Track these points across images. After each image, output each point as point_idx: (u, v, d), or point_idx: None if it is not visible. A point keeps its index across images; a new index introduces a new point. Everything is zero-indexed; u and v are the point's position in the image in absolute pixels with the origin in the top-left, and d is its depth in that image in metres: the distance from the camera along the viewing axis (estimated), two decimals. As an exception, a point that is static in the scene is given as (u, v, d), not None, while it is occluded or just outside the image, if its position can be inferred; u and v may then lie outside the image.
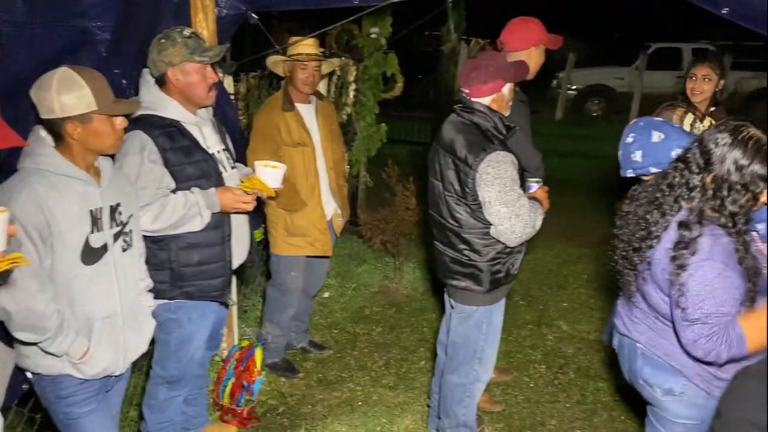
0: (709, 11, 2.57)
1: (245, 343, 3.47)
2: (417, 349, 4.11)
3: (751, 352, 1.94)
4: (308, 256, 3.69)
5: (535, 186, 3.02)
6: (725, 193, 1.93)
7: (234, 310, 3.75)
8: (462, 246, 2.82)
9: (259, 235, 3.88)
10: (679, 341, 2.08)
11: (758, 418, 1.72)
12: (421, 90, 10.61)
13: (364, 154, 5.76)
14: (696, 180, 1.97)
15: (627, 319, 2.30)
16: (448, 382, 3.01)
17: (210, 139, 2.72)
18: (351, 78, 5.56)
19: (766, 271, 2.02)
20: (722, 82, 3.61)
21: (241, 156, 3.36)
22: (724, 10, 2.53)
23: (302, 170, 3.52)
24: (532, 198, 2.91)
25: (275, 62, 3.59)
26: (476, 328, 2.92)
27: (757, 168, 1.89)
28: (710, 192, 1.96)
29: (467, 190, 2.70)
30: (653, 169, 2.33)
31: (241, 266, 2.93)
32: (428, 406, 3.37)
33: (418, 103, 9.15)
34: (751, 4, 2.47)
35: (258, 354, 3.44)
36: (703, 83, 3.58)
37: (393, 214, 4.94)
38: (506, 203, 2.63)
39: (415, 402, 3.56)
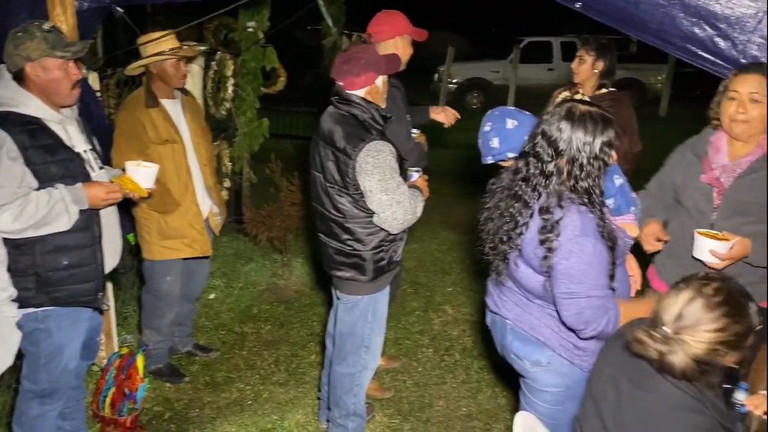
0: (566, 6, 2.74)
1: (125, 351, 3.32)
2: (307, 344, 4.11)
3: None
4: (186, 259, 3.58)
5: (415, 175, 3.11)
6: (578, 171, 2.07)
7: (112, 316, 3.59)
8: (345, 236, 2.85)
9: (133, 238, 3.73)
10: (552, 317, 2.24)
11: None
12: (305, 84, 10.57)
13: (247, 150, 5.65)
14: (551, 167, 2.10)
15: (497, 297, 2.44)
16: (336, 373, 3.04)
17: (75, 138, 2.57)
18: (229, 72, 5.43)
19: (620, 243, 2.20)
20: (599, 63, 3.69)
21: (107, 157, 3.21)
22: (578, 4, 2.70)
23: (173, 169, 3.40)
24: (413, 186, 3.00)
25: (135, 68, 3.43)
26: (362, 317, 2.96)
27: (602, 138, 2.05)
28: (565, 173, 2.10)
29: (348, 180, 2.73)
30: (510, 154, 2.46)
31: (114, 271, 2.81)
32: (319, 398, 3.39)
33: (303, 98, 9.10)
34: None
35: (140, 361, 3.31)
36: (578, 63, 3.75)
37: (278, 210, 4.90)
38: (387, 191, 2.69)
39: (306, 396, 3.57)
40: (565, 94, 3.88)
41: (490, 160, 2.55)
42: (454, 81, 14.68)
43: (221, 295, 4.70)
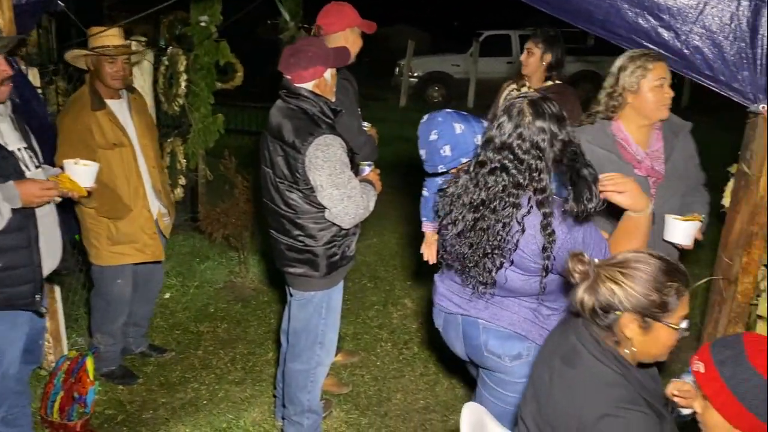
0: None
1: (73, 354, 3.24)
2: (264, 342, 4.06)
3: None
4: (138, 263, 3.50)
5: (367, 169, 3.09)
6: (569, 158, 2.07)
7: (60, 319, 3.48)
8: (297, 232, 2.82)
9: (80, 238, 3.63)
10: (530, 309, 2.25)
11: None
12: (263, 79, 10.43)
13: (202, 147, 5.57)
14: (540, 164, 2.07)
15: (458, 298, 2.37)
16: (290, 370, 3.00)
17: (9, 136, 2.48)
18: (181, 68, 5.34)
19: None
20: (547, 56, 3.69)
21: (50, 155, 3.11)
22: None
23: (123, 173, 3.30)
24: (365, 180, 2.97)
25: (76, 57, 3.32)
26: (315, 313, 2.93)
27: (561, 124, 2.06)
28: (545, 168, 2.08)
29: (298, 176, 2.69)
30: (463, 159, 2.41)
31: (55, 273, 2.72)
32: (275, 396, 3.35)
33: (261, 93, 8.98)
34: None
35: (89, 363, 3.23)
36: (526, 56, 3.74)
37: (234, 207, 4.82)
38: (337, 186, 2.66)
39: (263, 394, 3.53)
40: (513, 86, 3.89)
41: (442, 169, 2.47)
42: (414, 75, 14.69)
43: (177, 294, 4.62)
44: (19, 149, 2.49)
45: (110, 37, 3.26)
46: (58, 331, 3.45)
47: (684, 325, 1.58)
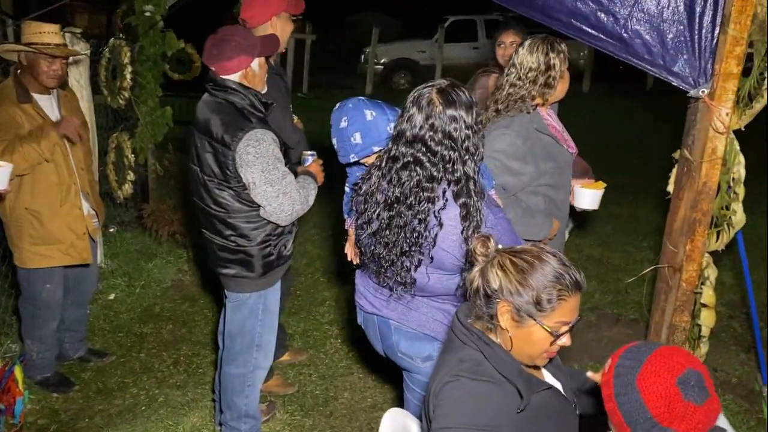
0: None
1: (-2, 364, 3.09)
2: (209, 343, 3.94)
3: None
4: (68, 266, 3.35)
5: (309, 159, 2.97)
6: (466, 153, 1.99)
7: (-12, 326, 3.32)
8: (229, 232, 2.69)
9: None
10: (440, 310, 2.19)
11: None
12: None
13: (150, 140, 5.38)
14: (454, 154, 1.98)
15: (373, 298, 2.29)
16: (227, 374, 2.89)
17: None
18: (125, 60, 5.15)
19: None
20: None
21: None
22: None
23: (53, 170, 3.14)
24: (306, 172, 2.85)
25: (7, 50, 3.15)
26: (251, 315, 2.82)
27: (471, 111, 1.98)
28: (465, 156, 2.00)
29: (228, 173, 2.57)
30: (376, 148, 2.30)
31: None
32: (213, 400, 3.23)
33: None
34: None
35: (18, 372, 3.08)
36: (511, 49, 3.62)
37: (181, 203, 4.68)
38: (271, 182, 2.54)
39: (204, 398, 3.41)
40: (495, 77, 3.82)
41: (353, 158, 2.35)
42: (380, 62, 14.56)
43: (122, 294, 4.46)
44: None
45: (50, 34, 3.09)
46: (-14, 339, 3.29)
47: (562, 331, 1.52)
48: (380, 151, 2.25)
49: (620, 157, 7.99)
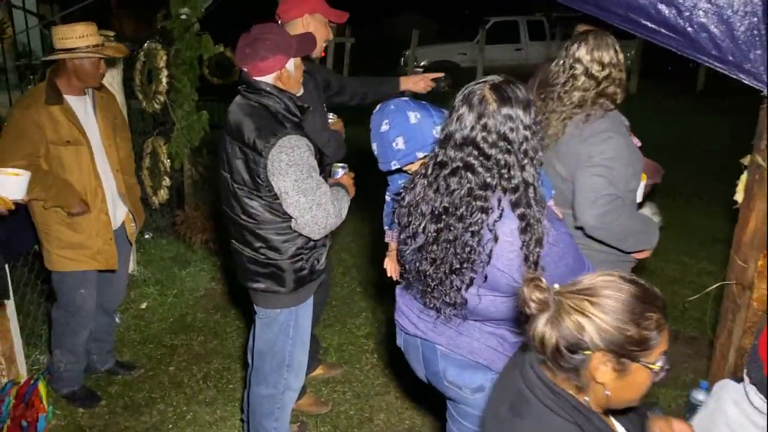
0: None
1: (22, 378, 2.99)
2: (241, 356, 3.78)
3: None
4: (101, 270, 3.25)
5: (340, 171, 2.79)
6: (523, 157, 1.77)
7: (14, 338, 3.21)
8: (258, 244, 2.53)
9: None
10: (494, 335, 1.96)
11: None
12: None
13: (186, 145, 5.29)
14: (510, 158, 1.75)
15: (417, 319, 2.07)
16: (255, 395, 2.73)
17: None
18: (161, 64, 5.08)
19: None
20: None
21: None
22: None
23: (77, 172, 3.05)
24: (338, 184, 2.67)
25: (72, 57, 3.08)
26: (282, 332, 2.65)
27: (529, 110, 1.76)
28: (524, 161, 1.78)
29: (259, 181, 2.40)
30: (420, 154, 2.09)
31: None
32: (242, 420, 3.07)
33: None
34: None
35: (42, 387, 2.99)
36: None
37: (215, 209, 4.56)
38: (305, 192, 2.36)
39: (234, 416, 3.26)
40: None
41: (395, 165, 2.14)
42: (420, 65, 14.34)
43: (154, 304, 4.35)
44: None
45: (92, 36, 3.02)
46: (12, 351, 3.18)
47: (661, 362, 1.27)
48: (425, 157, 2.04)
49: (671, 160, 7.60)
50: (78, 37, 2.97)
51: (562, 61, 2.51)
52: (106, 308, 3.49)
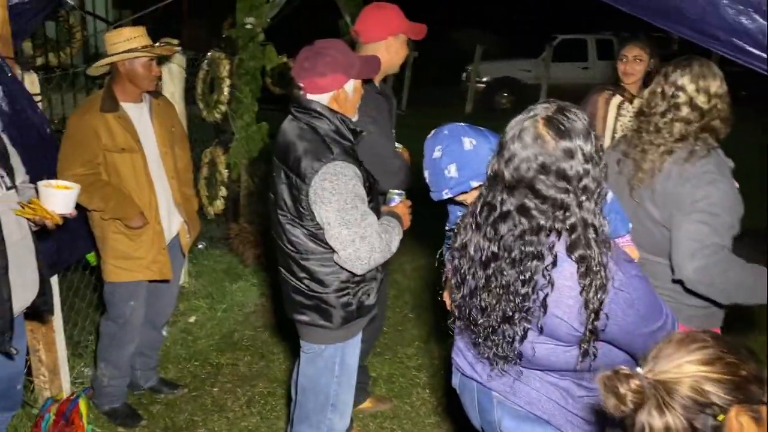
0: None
1: (62, 396, 2.90)
2: (287, 380, 3.61)
3: None
4: (151, 281, 3.16)
5: (396, 199, 2.60)
6: (584, 195, 1.56)
7: (60, 350, 3.14)
8: (303, 275, 2.37)
9: (92, 258, 3.32)
10: (557, 387, 1.75)
11: None
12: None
13: (245, 156, 5.22)
14: (568, 197, 1.55)
15: (475, 360, 1.88)
16: (298, 433, 2.56)
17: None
18: (224, 73, 5.03)
19: None
20: (653, 61, 3.55)
21: (49, 169, 2.82)
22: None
23: (132, 179, 2.98)
24: (391, 213, 2.48)
25: (100, 66, 3.03)
26: (326, 369, 2.47)
27: (590, 137, 1.56)
28: (582, 197, 1.57)
29: (302, 210, 2.24)
30: (474, 183, 1.90)
31: (34, 309, 2.38)
32: (284, 456, 2.91)
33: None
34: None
35: (82, 405, 2.90)
36: (634, 64, 3.57)
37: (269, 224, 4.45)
38: (348, 224, 2.18)
39: (276, 447, 3.10)
40: (618, 98, 3.63)
41: (447, 194, 1.96)
42: (482, 80, 14.11)
43: (202, 318, 4.26)
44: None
45: (141, 38, 2.98)
46: (56, 364, 3.11)
47: None
48: (480, 186, 1.84)
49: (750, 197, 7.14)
50: (125, 40, 2.93)
51: (660, 89, 2.26)
52: (155, 322, 3.40)
